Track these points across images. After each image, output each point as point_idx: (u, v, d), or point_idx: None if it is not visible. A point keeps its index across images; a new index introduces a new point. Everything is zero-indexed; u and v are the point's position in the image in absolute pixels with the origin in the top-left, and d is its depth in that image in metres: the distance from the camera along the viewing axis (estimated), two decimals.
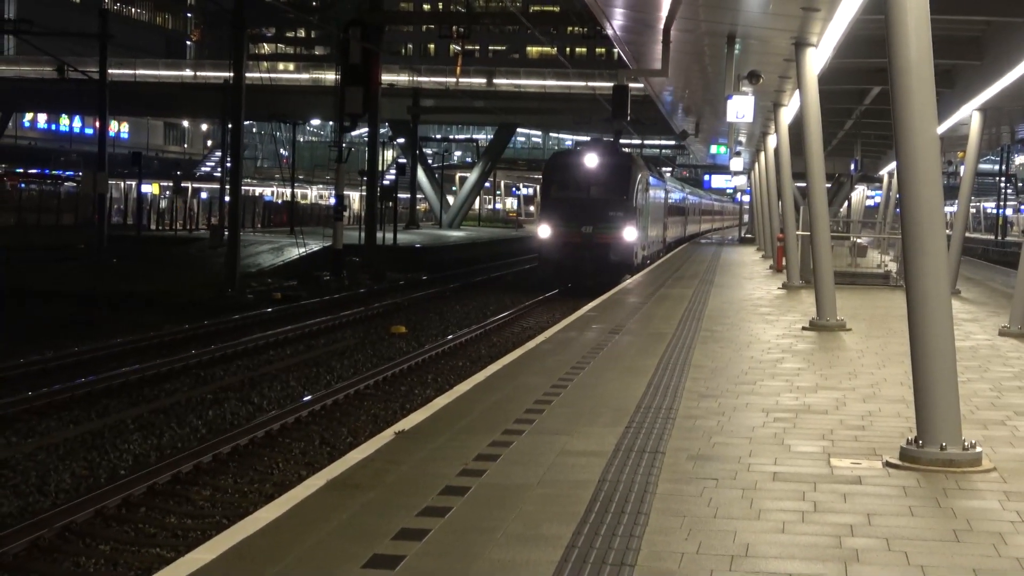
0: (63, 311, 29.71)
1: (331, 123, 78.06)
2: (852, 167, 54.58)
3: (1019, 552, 7.31)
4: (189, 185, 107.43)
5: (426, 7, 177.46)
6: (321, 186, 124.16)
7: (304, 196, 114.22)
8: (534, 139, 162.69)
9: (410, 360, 22.93)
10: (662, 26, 23.03)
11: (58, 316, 28.66)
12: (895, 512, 8.20)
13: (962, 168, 31.83)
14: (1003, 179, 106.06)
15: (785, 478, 9.13)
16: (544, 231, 39.41)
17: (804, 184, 25.98)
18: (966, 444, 9.68)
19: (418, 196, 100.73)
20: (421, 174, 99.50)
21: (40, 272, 41.13)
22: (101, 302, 32.47)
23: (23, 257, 46.69)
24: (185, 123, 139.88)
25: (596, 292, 29.97)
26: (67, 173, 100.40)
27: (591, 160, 39.56)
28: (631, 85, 35.75)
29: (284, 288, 41.21)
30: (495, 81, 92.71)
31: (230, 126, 49.64)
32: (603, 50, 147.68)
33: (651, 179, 46.23)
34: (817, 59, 21.71)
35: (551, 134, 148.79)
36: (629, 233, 38.49)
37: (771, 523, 7.85)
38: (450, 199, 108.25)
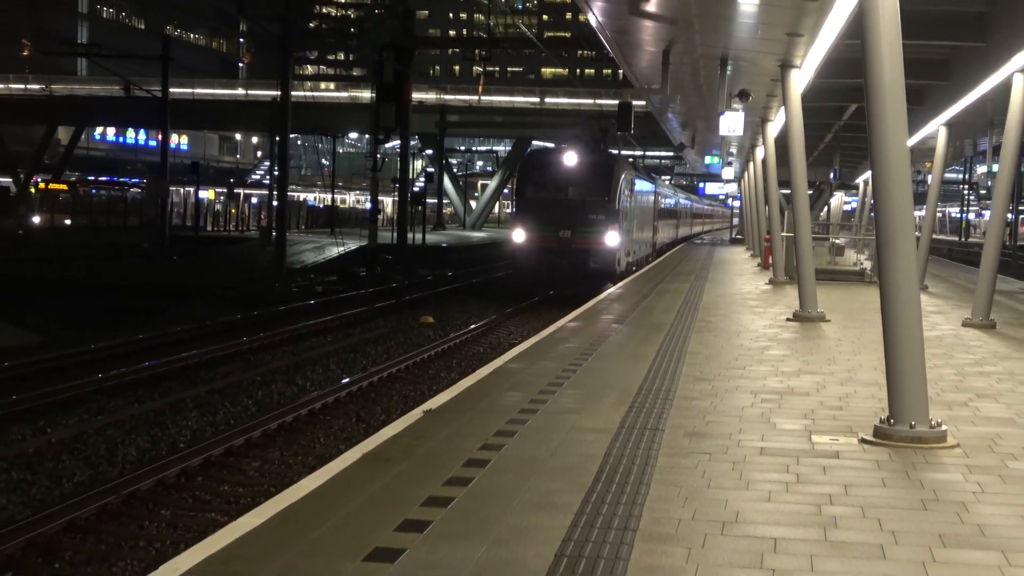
0: (129, 303, 29.77)
1: (367, 136, 77.99)
2: (831, 175, 54.41)
3: (980, 519, 7.31)
4: (241, 191, 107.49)
5: (452, 33, 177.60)
6: (358, 192, 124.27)
7: (343, 201, 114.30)
8: None
9: (437, 347, 22.93)
10: (663, 50, 23.05)
11: (125, 307, 28.71)
12: (869, 483, 8.21)
13: (930, 177, 31.69)
14: (966, 187, 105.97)
15: (771, 453, 9.13)
16: (519, 235, 32.54)
17: (788, 191, 25.92)
18: (933, 423, 9.68)
19: (444, 201, 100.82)
20: (447, 181, 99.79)
21: (109, 268, 41.22)
22: (163, 295, 32.51)
23: (94, 254, 46.81)
24: (238, 136, 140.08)
25: (588, 296, 26.14)
26: (133, 180, 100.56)
27: (570, 159, 32.42)
28: (634, 102, 35.81)
29: (325, 282, 41.24)
30: (513, 99, 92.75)
31: (277, 139, 49.71)
32: (609, 71, 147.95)
33: (637, 180, 39.30)
34: (800, 79, 21.68)
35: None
36: (611, 238, 31.76)
37: (758, 492, 7.86)
38: (472, 204, 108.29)
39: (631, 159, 42.56)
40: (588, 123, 48.49)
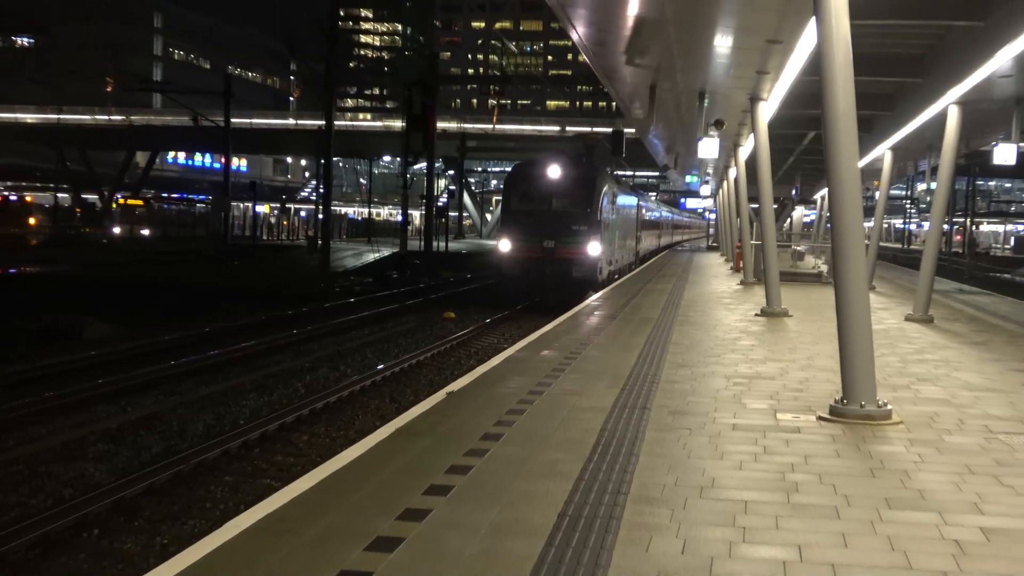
0: (196, 300, 29.83)
1: (398, 159, 78.19)
2: (794, 192, 54.29)
3: (920, 485, 7.32)
4: (291, 206, 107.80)
5: (470, 71, 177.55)
6: (391, 206, 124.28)
7: (378, 214, 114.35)
8: None
9: (458, 338, 22.93)
10: (649, 85, 23.02)
11: (193, 304, 28.77)
12: (825, 454, 8.21)
13: (877, 193, 31.66)
14: (908, 202, 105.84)
15: (742, 428, 9.13)
16: (504, 245, 29.35)
17: (757, 205, 25.85)
18: (880, 403, 9.69)
19: (464, 214, 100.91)
20: (466, 197, 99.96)
21: (180, 271, 41.34)
22: (225, 294, 32.57)
23: (167, 260, 46.96)
24: (288, 159, 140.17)
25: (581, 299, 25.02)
26: (200, 197, 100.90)
27: (554, 172, 29.23)
28: (625, 130, 35.73)
29: (362, 283, 41.32)
30: (523, 127, 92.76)
31: (322, 161, 49.82)
32: (604, 103, 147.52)
33: (619, 193, 35.87)
34: (767, 110, 21.67)
35: None
36: (593, 248, 28.68)
37: (731, 462, 7.86)
38: (488, 216, 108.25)
39: (613, 172, 38.88)
40: (575, 140, 46.68)
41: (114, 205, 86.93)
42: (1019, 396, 11.25)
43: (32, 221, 73.28)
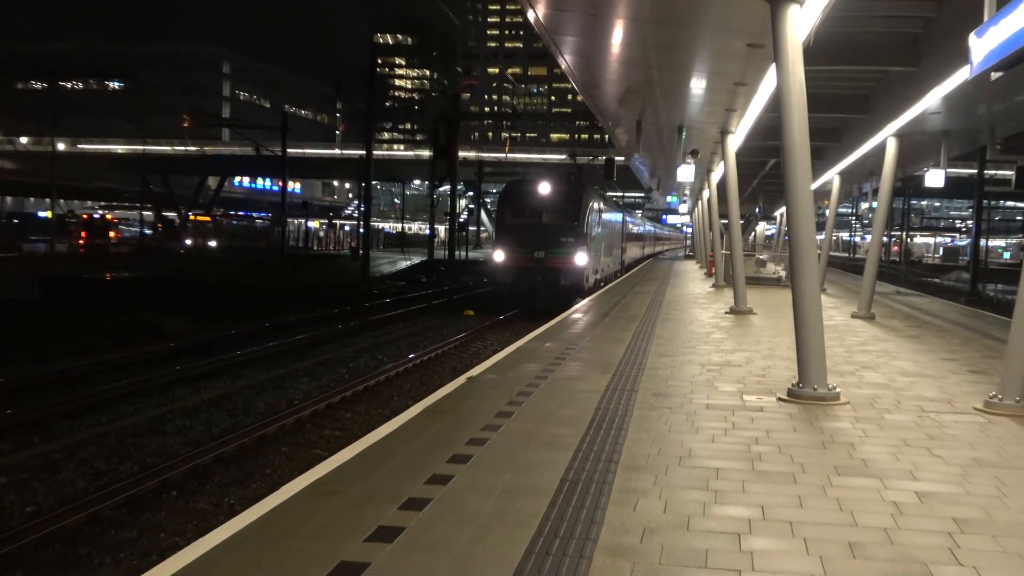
0: (257, 300, 29.90)
1: (427, 182, 78.33)
2: (757, 210, 54.49)
3: (863, 456, 7.32)
4: (337, 222, 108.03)
5: (487, 109, 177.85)
6: (420, 222, 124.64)
7: (409, 228, 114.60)
8: None
9: (476, 332, 22.96)
10: (636, 120, 23.04)
11: (254, 303, 28.84)
12: (784, 429, 8.19)
13: (827, 211, 31.64)
14: (853, 218, 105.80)
15: (714, 407, 9.12)
16: (498, 256, 27.71)
17: (726, 220, 25.88)
18: (830, 387, 9.68)
19: (481, 228, 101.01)
20: (483, 214, 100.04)
21: (243, 276, 41.46)
22: (281, 295, 32.66)
23: (232, 267, 47.08)
24: (335, 182, 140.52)
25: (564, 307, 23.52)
26: (261, 215, 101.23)
27: (544, 188, 27.59)
28: (616, 158, 35.68)
29: (396, 286, 41.35)
30: (530, 155, 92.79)
31: (363, 184, 49.91)
32: (598, 135, 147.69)
33: (605, 208, 34.20)
34: (735, 141, 21.68)
35: None
36: (580, 258, 27.12)
37: (705, 436, 7.85)
38: None
39: (601, 191, 36.46)
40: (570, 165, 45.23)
41: (188, 221, 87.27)
42: (947, 381, 11.22)
43: (112, 234, 73.61)
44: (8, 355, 17.29)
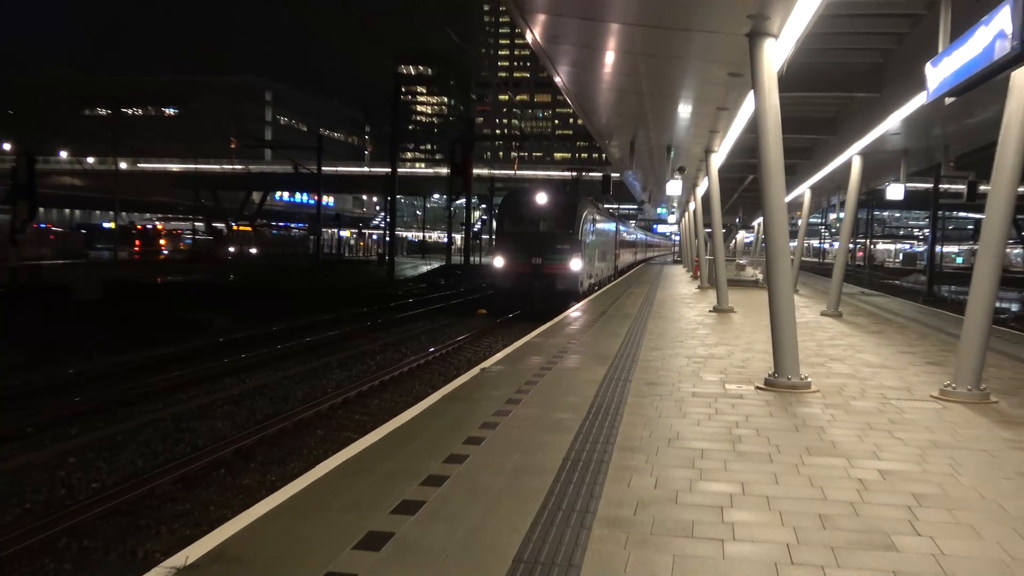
0: (295, 301, 29.96)
1: (445, 196, 78.32)
2: (737, 220, 54.31)
3: (832, 438, 7.30)
4: (366, 231, 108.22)
5: (498, 131, 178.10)
6: (439, 231, 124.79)
7: (429, 237, 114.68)
8: None
9: (488, 328, 22.94)
10: (630, 141, 23.06)
11: (292, 303, 28.89)
12: (761, 415, 8.17)
13: (800, 221, 31.59)
14: (823, 227, 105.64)
15: (699, 395, 9.10)
16: (498, 262, 26.42)
17: (710, 229, 25.82)
18: (802, 377, 9.67)
19: (492, 237, 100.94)
20: (495, 224, 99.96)
21: (282, 280, 41.57)
22: (316, 296, 32.71)
23: (272, 272, 47.21)
24: (364, 196, 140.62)
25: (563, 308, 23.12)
26: (298, 225, 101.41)
27: (541, 198, 26.42)
28: (612, 174, 35.65)
29: (418, 288, 41.36)
30: (536, 172, 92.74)
31: (388, 198, 49.98)
32: (597, 155, 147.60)
33: (599, 217, 32.43)
34: (718, 159, 21.67)
35: None
36: (575, 264, 25.84)
37: (691, 420, 7.84)
38: None
39: (596, 202, 33.90)
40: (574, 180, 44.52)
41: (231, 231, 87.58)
42: (907, 372, 11.18)
43: (162, 243, 73.88)
44: (76, 349, 17.37)
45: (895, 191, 22.28)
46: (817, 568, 4.50)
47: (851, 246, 24.02)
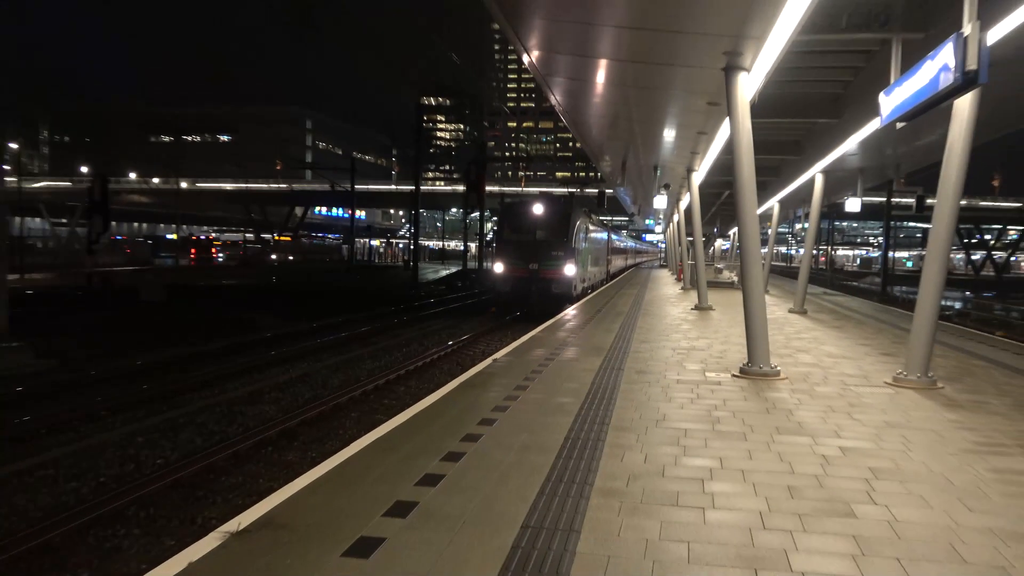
0: (329, 302, 29.97)
1: (461, 210, 78.32)
2: (715, 229, 54.20)
3: (799, 419, 7.26)
4: (393, 240, 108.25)
5: (507, 154, 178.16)
6: (456, 240, 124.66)
7: (448, 245, 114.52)
8: None
9: (499, 325, 22.90)
10: (622, 161, 23.03)
11: (327, 304, 28.90)
12: (737, 399, 8.15)
13: (770, 230, 31.50)
14: (790, 235, 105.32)
15: (683, 382, 9.07)
16: (499, 267, 25.24)
17: (692, 238, 25.75)
18: (772, 366, 9.63)
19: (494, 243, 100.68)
20: (496, 232, 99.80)
21: (319, 283, 41.61)
22: (349, 297, 32.68)
23: (310, 276, 47.26)
24: (392, 210, 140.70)
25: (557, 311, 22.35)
26: (334, 235, 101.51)
27: (537, 209, 25.21)
28: (607, 190, 35.61)
29: (438, 290, 41.33)
30: (540, 188, 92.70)
31: (412, 212, 50.01)
32: (593, 173, 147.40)
33: (591, 226, 30.64)
34: (698, 177, 21.59)
35: None
36: (569, 269, 24.65)
37: (676, 404, 7.82)
38: None
39: (590, 212, 32.08)
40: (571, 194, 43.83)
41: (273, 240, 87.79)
42: (864, 362, 11.14)
43: (214, 251, 74.04)
44: (142, 344, 17.42)
45: (853, 204, 22.21)
46: (786, 533, 4.49)
47: (814, 252, 23.96)
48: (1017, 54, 8.76)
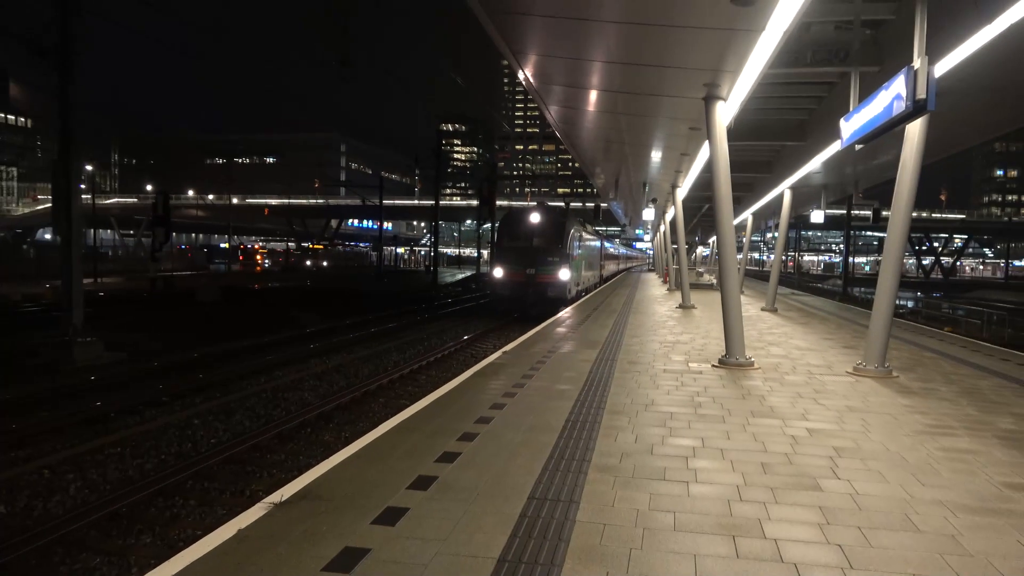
0: (359, 302, 29.99)
1: (475, 221, 78.26)
2: (697, 238, 54.00)
3: (771, 404, 7.22)
4: (416, 248, 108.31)
5: (516, 173, 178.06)
6: (471, 248, 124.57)
7: (463, 252, 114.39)
8: None
9: (508, 322, 22.84)
10: (615, 178, 22.99)
11: (357, 304, 28.91)
12: (716, 386, 8.10)
13: (744, 239, 31.37)
14: (762, 243, 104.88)
15: (669, 371, 9.03)
16: (497, 272, 23.62)
17: (676, 246, 25.67)
18: (747, 357, 9.57)
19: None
20: (495, 239, 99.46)
21: (350, 286, 41.63)
22: (376, 298, 32.69)
23: (342, 279, 47.29)
24: (415, 222, 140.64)
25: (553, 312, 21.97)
26: (364, 244, 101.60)
27: (534, 218, 23.66)
28: (602, 204, 35.55)
29: (455, 291, 41.33)
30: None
31: (433, 223, 50.01)
32: (590, 189, 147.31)
33: (585, 234, 29.25)
34: (681, 192, 21.55)
35: None
36: (563, 274, 23.14)
37: (663, 390, 7.77)
38: None
39: (582, 220, 30.27)
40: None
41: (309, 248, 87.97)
42: (828, 354, 11.07)
43: (259, 258, 74.16)
44: (198, 339, 17.47)
45: (817, 216, 22.13)
46: (760, 504, 4.45)
47: (784, 258, 23.87)
48: (961, 85, 8.70)
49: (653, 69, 9.09)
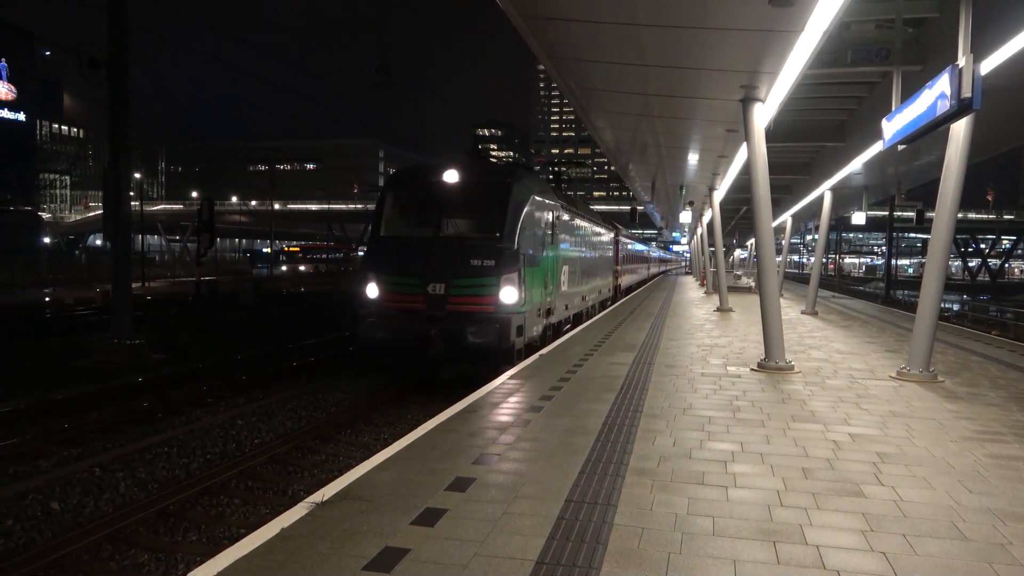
0: None
1: None
2: (735, 241, 53.37)
3: (812, 408, 7.11)
4: None
5: (550, 176, 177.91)
6: None
7: None
8: None
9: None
10: (651, 182, 22.84)
11: None
12: (756, 390, 8.00)
13: (783, 241, 30.92)
14: (802, 245, 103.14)
15: (707, 375, 8.94)
16: (370, 291, 10.57)
17: (714, 248, 25.40)
18: (787, 360, 9.44)
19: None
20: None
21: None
22: None
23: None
24: None
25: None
26: None
27: (449, 178, 10.82)
28: (638, 207, 35.31)
29: None
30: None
31: None
32: (626, 192, 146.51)
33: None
34: (719, 194, 21.30)
35: None
36: (506, 294, 9.79)
37: (701, 394, 7.70)
38: None
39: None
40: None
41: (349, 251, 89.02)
42: (870, 357, 10.84)
43: (300, 267, 75.28)
44: (241, 341, 17.79)
45: (858, 217, 21.71)
46: (801, 510, 4.37)
47: (824, 260, 23.49)
48: (1008, 83, 8.45)
49: (690, 72, 9.03)
